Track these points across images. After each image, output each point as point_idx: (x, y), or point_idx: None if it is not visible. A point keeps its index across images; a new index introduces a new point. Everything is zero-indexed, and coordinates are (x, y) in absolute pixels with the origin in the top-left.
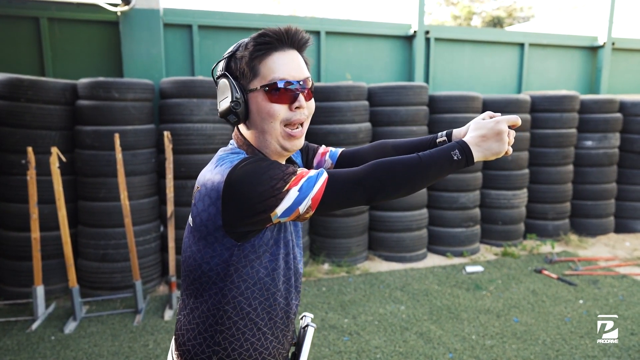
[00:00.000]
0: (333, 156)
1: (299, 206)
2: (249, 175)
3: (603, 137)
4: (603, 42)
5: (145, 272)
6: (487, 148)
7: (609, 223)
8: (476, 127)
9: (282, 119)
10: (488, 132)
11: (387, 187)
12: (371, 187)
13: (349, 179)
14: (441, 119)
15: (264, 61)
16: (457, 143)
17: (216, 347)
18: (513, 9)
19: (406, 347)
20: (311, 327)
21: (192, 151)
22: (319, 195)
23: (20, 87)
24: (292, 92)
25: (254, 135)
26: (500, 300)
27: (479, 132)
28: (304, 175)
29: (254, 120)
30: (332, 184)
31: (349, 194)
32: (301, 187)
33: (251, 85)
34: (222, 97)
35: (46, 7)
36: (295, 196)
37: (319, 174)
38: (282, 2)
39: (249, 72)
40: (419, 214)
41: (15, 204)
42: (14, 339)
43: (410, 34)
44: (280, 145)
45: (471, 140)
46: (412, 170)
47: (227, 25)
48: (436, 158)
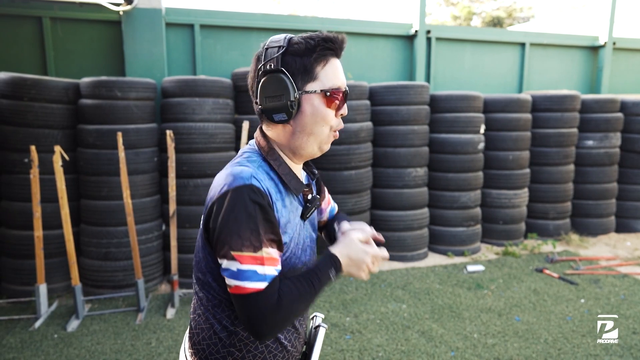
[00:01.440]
0: (331, 212)
1: (228, 277)
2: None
3: (604, 137)
4: (604, 42)
5: (147, 271)
6: (347, 269)
7: (610, 223)
8: (347, 243)
9: (332, 124)
10: (355, 257)
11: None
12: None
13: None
14: (442, 118)
15: (326, 66)
16: (334, 265)
17: (232, 348)
18: (513, 9)
19: (408, 345)
20: (322, 327)
21: (193, 150)
22: (242, 291)
23: (23, 86)
24: (344, 100)
25: (291, 135)
26: (502, 299)
27: (348, 253)
28: (256, 262)
29: (305, 122)
30: (259, 296)
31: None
32: (242, 269)
33: (308, 87)
34: (273, 93)
35: (49, 7)
36: (232, 270)
37: (265, 277)
38: (281, 2)
39: (306, 74)
40: (420, 213)
41: (18, 202)
42: (17, 337)
43: (412, 33)
44: (320, 149)
45: (342, 258)
46: (308, 304)
47: (229, 25)
48: (323, 284)
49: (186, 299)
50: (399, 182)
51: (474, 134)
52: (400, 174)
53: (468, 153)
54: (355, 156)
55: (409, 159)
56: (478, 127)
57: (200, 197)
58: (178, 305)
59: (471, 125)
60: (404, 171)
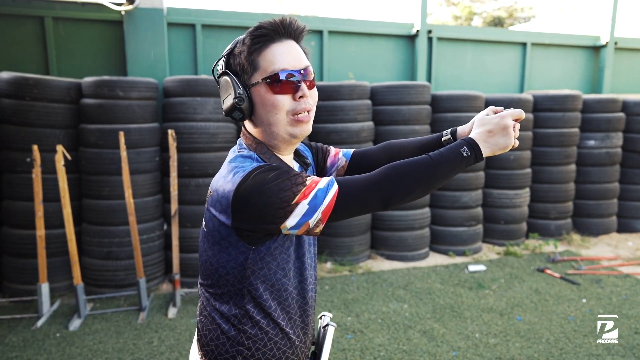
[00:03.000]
0: (347, 155)
1: (308, 219)
2: (258, 185)
3: (605, 137)
4: (605, 42)
5: (149, 270)
6: (494, 143)
7: (612, 223)
8: (481, 123)
9: (288, 109)
10: (494, 127)
11: (401, 190)
12: (386, 190)
13: (362, 185)
14: (444, 118)
15: (263, 54)
16: (465, 140)
17: (240, 347)
18: (514, 9)
19: (410, 345)
20: (331, 326)
21: (195, 149)
22: (329, 209)
23: (25, 86)
24: (294, 82)
25: (261, 130)
26: (503, 299)
27: (485, 128)
28: (313, 187)
29: (259, 114)
30: (343, 194)
31: (363, 200)
32: (311, 200)
33: (252, 80)
34: (225, 95)
35: (51, 7)
36: (305, 210)
37: (329, 185)
38: (282, 2)
39: (248, 67)
40: (421, 213)
41: (21, 201)
42: (20, 336)
43: (413, 33)
44: (289, 134)
45: (478, 136)
46: (424, 171)
47: (230, 25)
48: (446, 157)
49: (188, 298)
50: None
51: None
52: None
53: None
54: None
55: None
56: None
57: (201, 197)
58: (180, 304)
59: None
60: None
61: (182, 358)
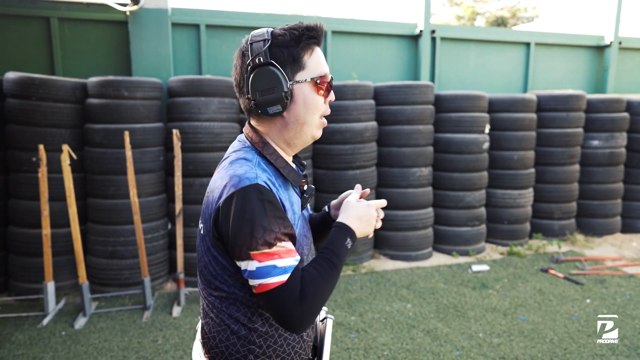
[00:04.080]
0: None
1: (250, 277)
2: (240, 208)
3: (610, 137)
4: (610, 41)
5: (154, 269)
6: (361, 229)
7: (616, 223)
8: (350, 207)
9: (322, 112)
10: (364, 215)
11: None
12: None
13: (298, 297)
14: (447, 117)
15: (312, 55)
16: (346, 231)
17: (252, 345)
18: (517, 9)
19: (413, 344)
20: (330, 319)
21: (199, 149)
22: (267, 288)
23: (31, 86)
24: (330, 86)
25: (285, 127)
26: (507, 298)
27: (356, 214)
28: (273, 257)
29: (297, 112)
30: (284, 288)
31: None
32: (261, 267)
33: (298, 77)
34: (266, 86)
35: (56, 7)
36: (252, 269)
37: (285, 269)
38: (285, 2)
39: (295, 64)
40: (425, 213)
41: (27, 200)
42: (26, 334)
43: (416, 33)
44: (312, 136)
45: (351, 223)
46: (336, 278)
47: (234, 25)
48: (342, 256)
49: (192, 297)
50: (403, 181)
51: (479, 134)
52: (405, 173)
53: (473, 153)
54: (360, 156)
55: (413, 159)
56: (483, 126)
57: None
58: (184, 303)
59: (476, 125)
60: (408, 171)
61: (186, 357)
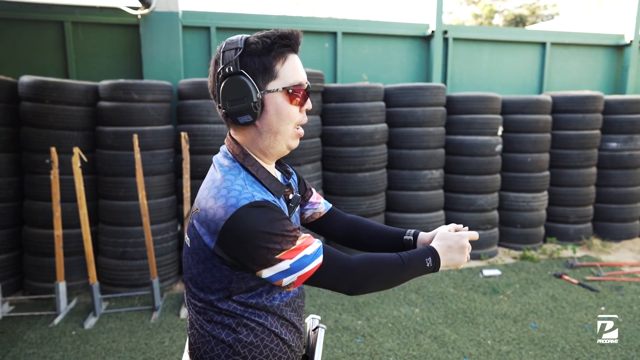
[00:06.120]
0: (327, 205)
1: (284, 277)
2: (251, 225)
3: (629, 139)
4: (630, 40)
5: (163, 271)
6: (451, 258)
7: (634, 227)
8: (443, 237)
9: (296, 121)
10: (454, 244)
11: (369, 286)
12: (357, 283)
13: (340, 267)
14: (459, 119)
15: (284, 62)
16: (430, 251)
17: (236, 356)
18: (536, 7)
19: (420, 350)
20: (321, 328)
21: (208, 151)
22: (306, 277)
23: (45, 89)
24: (306, 95)
25: (259, 136)
26: (518, 305)
27: (446, 243)
28: (301, 250)
29: (270, 121)
30: (323, 269)
31: (336, 282)
32: (294, 262)
33: (269, 86)
34: (236, 96)
35: (70, 11)
36: (285, 269)
37: (316, 254)
38: (300, 3)
39: (267, 73)
40: (436, 216)
41: (40, 201)
42: (37, 333)
43: (428, 34)
44: (288, 146)
45: (439, 249)
46: (394, 273)
47: (245, 27)
48: (414, 264)
49: None
50: (414, 184)
51: (491, 136)
52: (416, 176)
53: (485, 155)
54: (370, 158)
55: (424, 161)
56: (495, 128)
57: None
58: None
59: (488, 127)
60: (419, 173)
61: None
